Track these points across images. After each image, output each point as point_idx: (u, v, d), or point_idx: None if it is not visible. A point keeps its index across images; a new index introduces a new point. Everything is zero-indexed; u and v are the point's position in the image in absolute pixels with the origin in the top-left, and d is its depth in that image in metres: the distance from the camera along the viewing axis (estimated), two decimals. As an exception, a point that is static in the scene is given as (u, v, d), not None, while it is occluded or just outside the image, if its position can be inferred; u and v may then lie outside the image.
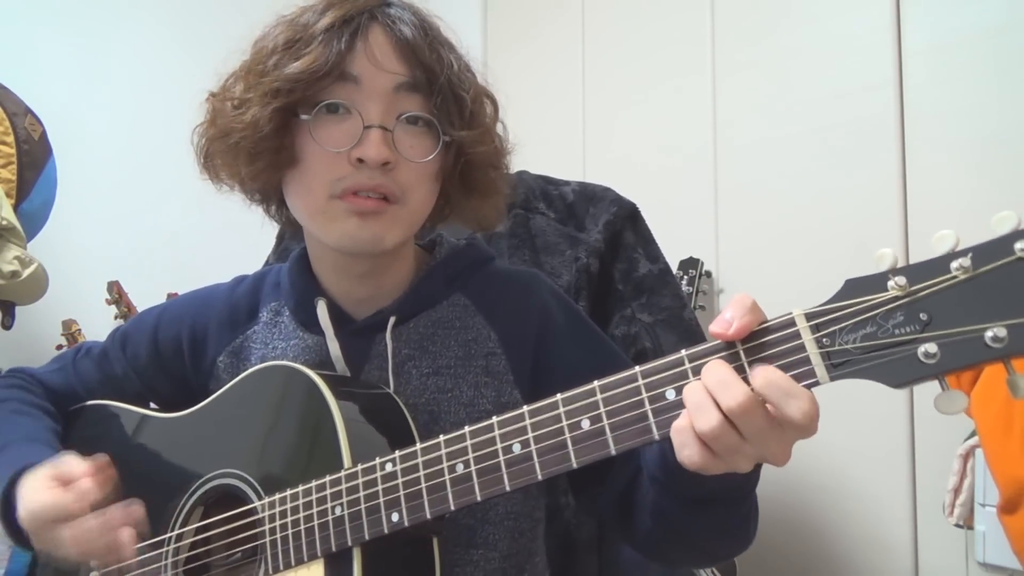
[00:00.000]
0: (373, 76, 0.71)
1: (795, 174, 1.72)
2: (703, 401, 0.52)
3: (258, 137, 0.71)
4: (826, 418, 0.51)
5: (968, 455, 1.26)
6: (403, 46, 0.72)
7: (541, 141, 2.15)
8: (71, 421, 0.91)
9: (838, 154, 1.65)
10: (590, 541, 1.26)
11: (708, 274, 1.84)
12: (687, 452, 0.53)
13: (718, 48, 1.89)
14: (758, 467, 0.61)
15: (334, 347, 0.78)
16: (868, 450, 1.54)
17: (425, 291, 0.81)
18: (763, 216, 1.77)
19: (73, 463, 0.74)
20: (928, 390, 0.48)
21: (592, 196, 1.48)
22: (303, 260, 0.84)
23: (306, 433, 0.72)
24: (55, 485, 0.72)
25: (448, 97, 0.73)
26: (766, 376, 0.51)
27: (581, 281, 1.37)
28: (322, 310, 0.79)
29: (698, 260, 1.82)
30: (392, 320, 0.78)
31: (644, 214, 1.49)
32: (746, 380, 0.51)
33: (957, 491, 1.28)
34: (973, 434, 1.24)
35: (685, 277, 1.79)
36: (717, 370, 0.52)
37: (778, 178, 1.75)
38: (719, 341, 0.54)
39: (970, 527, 1.28)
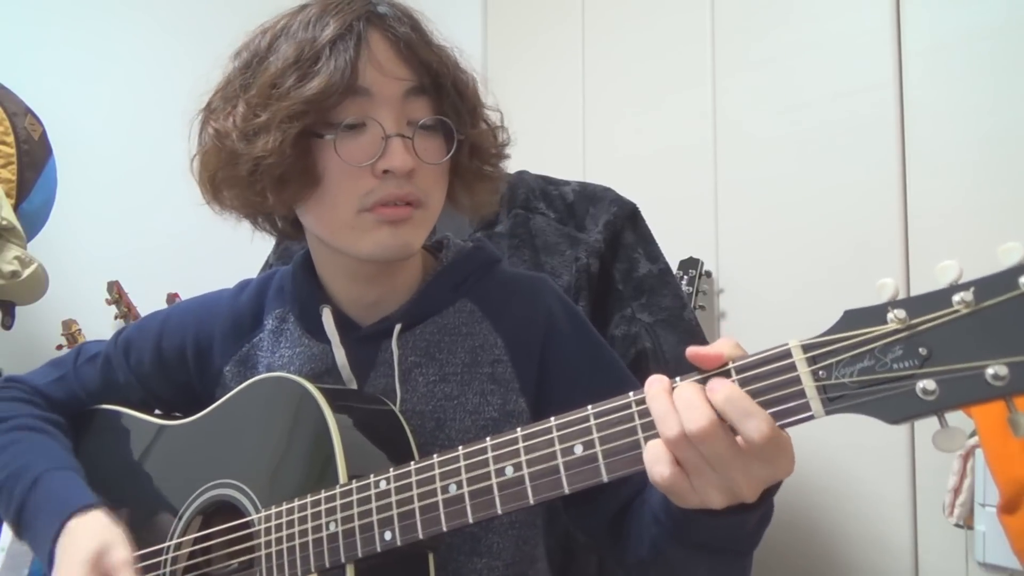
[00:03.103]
0: (383, 85, 0.71)
1: (795, 174, 1.72)
2: (667, 413, 0.52)
3: (286, 163, 0.69)
4: (826, 418, 0.51)
5: (968, 455, 1.26)
6: (404, 50, 0.72)
7: (541, 141, 2.15)
8: (77, 426, 0.90)
9: (838, 154, 1.64)
10: (590, 542, 1.26)
11: (708, 274, 1.83)
12: (659, 468, 0.52)
13: (718, 48, 1.89)
14: (762, 525, 0.61)
15: (340, 355, 0.78)
16: (868, 450, 1.54)
17: (432, 297, 0.80)
18: (763, 216, 1.77)
19: (120, 556, 0.73)
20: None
21: (592, 196, 1.48)
22: (307, 265, 0.84)
23: (303, 447, 0.72)
24: (93, 570, 0.72)
25: (454, 96, 0.74)
26: (726, 392, 0.50)
27: (581, 281, 1.37)
28: (327, 317, 0.79)
29: (698, 260, 1.82)
30: (398, 327, 0.78)
31: (644, 214, 1.49)
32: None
33: (957, 491, 1.28)
34: (973, 434, 1.24)
35: (685, 277, 1.79)
36: (685, 391, 0.52)
37: (778, 178, 1.74)
38: (714, 369, 0.53)
39: (970, 527, 1.28)
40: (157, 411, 0.90)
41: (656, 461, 0.52)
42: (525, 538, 0.79)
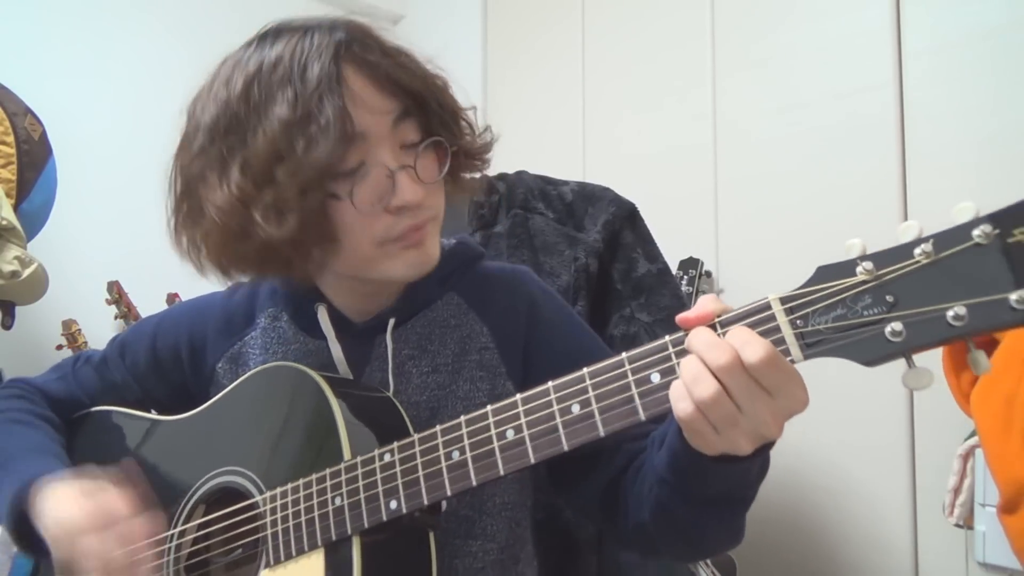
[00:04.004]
0: (373, 123, 0.70)
1: (795, 174, 1.72)
2: (700, 371, 0.53)
3: (310, 234, 0.68)
4: (826, 418, 0.52)
5: (968, 455, 1.26)
6: (382, 80, 0.71)
7: (541, 141, 2.16)
8: (75, 427, 0.92)
9: (838, 154, 1.64)
10: (590, 541, 1.26)
11: (708, 274, 1.83)
12: (683, 405, 0.54)
13: (718, 48, 1.89)
14: (762, 474, 0.63)
15: (336, 351, 0.80)
16: (868, 450, 1.54)
17: (421, 292, 0.82)
18: (763, 216, 1.77)
19: (104, 477, 0.74)
20: (928, 394, 0.48)
21: (591, 196, 1.48)
22: None
23: (307, 429, 0.73)
24: (85, 498, 0.72)
25: (439, 110, 0.75)
26: (732, 330, 0.54)
27: (580, 281, 1.37)
28: (323, 316, 0.81)
29: (698, 260, 1.82)
30: (392, 322, 0.80)
31: (643, 214, 1.49)
32: None
33: (957, 491, 1.28)
34: (973, 434, 1.24)
35: (685, 277, 1.79)
36: (702, 334, 0.54)
37: (778, 178, 1.75)
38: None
39: (970, 527, 1.28)
40: (154, 411, 0.91)
41: (680, 399, 0.54)
42: (517, 520, 0.81)
